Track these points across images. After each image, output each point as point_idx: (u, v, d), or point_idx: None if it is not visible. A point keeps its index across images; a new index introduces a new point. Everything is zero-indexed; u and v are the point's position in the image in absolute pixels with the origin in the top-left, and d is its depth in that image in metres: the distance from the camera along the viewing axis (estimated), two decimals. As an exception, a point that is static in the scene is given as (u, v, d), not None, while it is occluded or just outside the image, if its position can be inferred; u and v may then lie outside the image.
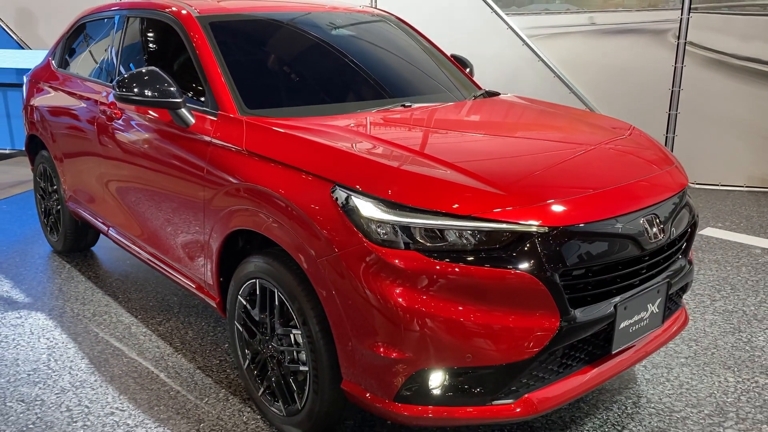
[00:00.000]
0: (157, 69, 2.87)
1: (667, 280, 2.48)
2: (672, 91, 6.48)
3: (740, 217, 5.65)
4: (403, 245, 2.09)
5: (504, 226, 2.07)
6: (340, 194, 2.18)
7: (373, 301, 2.10)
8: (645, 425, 2.72)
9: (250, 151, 2.57)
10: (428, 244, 2.08)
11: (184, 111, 2.88)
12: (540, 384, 2.23)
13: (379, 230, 2.11)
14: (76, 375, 3.10)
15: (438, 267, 2.06)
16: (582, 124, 2.97)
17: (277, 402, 2.63)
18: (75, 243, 4.57)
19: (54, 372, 3.12)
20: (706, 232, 5.20)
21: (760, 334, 3.50)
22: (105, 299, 3.94)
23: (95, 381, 3.05)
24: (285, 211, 2.34)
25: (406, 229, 2.09)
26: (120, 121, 3.41)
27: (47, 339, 3.45)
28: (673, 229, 2.47)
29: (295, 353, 2.50)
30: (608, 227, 2.23)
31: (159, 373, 3.11)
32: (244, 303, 2.70)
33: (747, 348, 3.36)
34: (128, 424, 2.72)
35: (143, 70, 2.87)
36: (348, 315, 2.17)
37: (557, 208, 2.16)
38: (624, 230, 2.26)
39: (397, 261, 2.07)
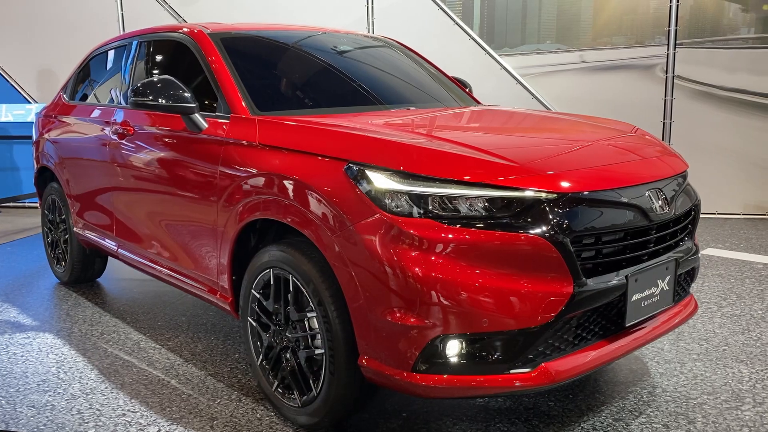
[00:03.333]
0: (171, 77, 2.98)
1: (675, 258, 2.53)
2: (664, 123, 6.66)
3: (739, 239, 5.71)
4: (417, 214, 2.14)
5: (514, 193, 2.14)
6: (354, 170, 2.25)
7: (389, 270, 2.13)
8: (662, 411, 2.71)
9: (263, 144, 2.66)
10: (441, 213, 2.13)
11: (197, 116, 2.98)
12: (557, 354, 2.24)
13: (393, 201, 2.16)
14: (86, 383, 3.07)
15: (452, 234, 2.10)
16: (586, 122, 3.08)
17: (292, 394, 2.61)
18: (82, 273, 4.59)
19: (63, 382, 3.10)
20: (708, 252, 5.25)
21: (770, 333, 3.51)
22: (113, 321, 3.93)
23: (105, 388, 3.02)
24: (300, 193, 2.40)
25: (420, 198, 2.15)
26: (131, 137, 3.50)
27: (56, 355, 3.43)
28: (677, 206, 2.53)
29: (309, 339, 2.51)
30: (614, 196, 2.29)
31: (170, 380, 3.09)
32: (258, 296, 2.72)
33: (758, 345, 3.36)
34: (140, 424, 2.69)
35: (158, 78, 2.98)
36: (364, 286, 2.20)
37: (565, 176, 2.22)
38: (629, 201, 2.32)
39: (411, 229, 2.12)
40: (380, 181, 2.20)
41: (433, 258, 2.11)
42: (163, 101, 2.93)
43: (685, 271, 2.66)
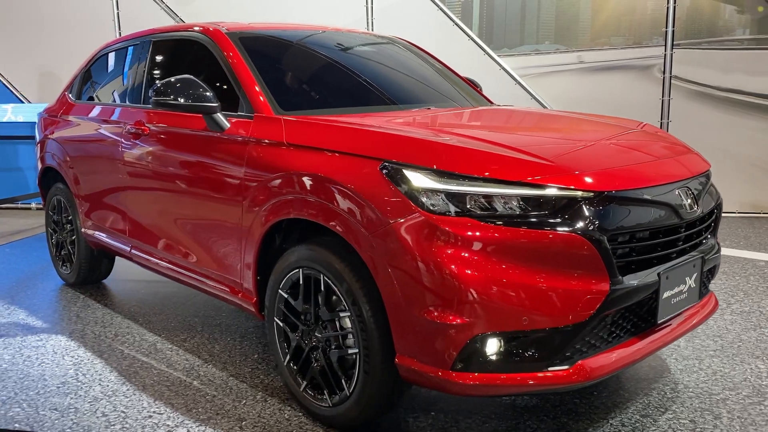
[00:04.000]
0: (192, 77, 2.97)
1: (702, 255, 2.56)
2: (661, 123, 6.73)
3: (738, 237, 5.79)
4: (455, 213, 2.15)
5: (553, 191, 2.15)
6: (390, 169, 2.26)
7: (429, 269, 2.14)
8: (687, 407, 2.74)
9: (291, 143, 2.65)
10: (480, 211, 2.15)
11: (219, 115, 2.97)
12: (592, 351, 2.26)
13: (431, 200, 2.17)
14: (107, 385, 3.04)
15: (492, 232, 2.12)
16: (606, 121, 3.11)
17: (322, 394, 2.61)
18: (89, 274, 4.54)
19: (83, 384, 3.07)
20: (709, 249, 5.31)
21: (781, 329, 3.57)
22: (125, 322, 3.90)
23: (127, 390, 3.00)
24: (333, 192, 2.39)
25: (459, 196, 2.16)
26: (146, 137, 3.47)
27: (72, 357, 3.39)
28: (703, 204, 2.57)
29: (340, 338, 2.51)
30: (647, 195, 2.32)
31: (192, 381, 3.07)
32: (285, 296, 2.71)
33: (771, 341, 3.42)
34: (168, 425, 2.67)
35: (179, 78, 2.96)
36: (403, 286, 2.21)
37: (601, 175, 2.25)
38: (662, 199, 2.35)
39: (450, 228, 2.13)
40: (418, 180, 2.20)
41: (473, 256, 2.12)
42: (186, 101, 2.92)
43: (708, 269, 2.70)
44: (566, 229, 2.12)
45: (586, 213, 2.16)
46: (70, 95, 4.57)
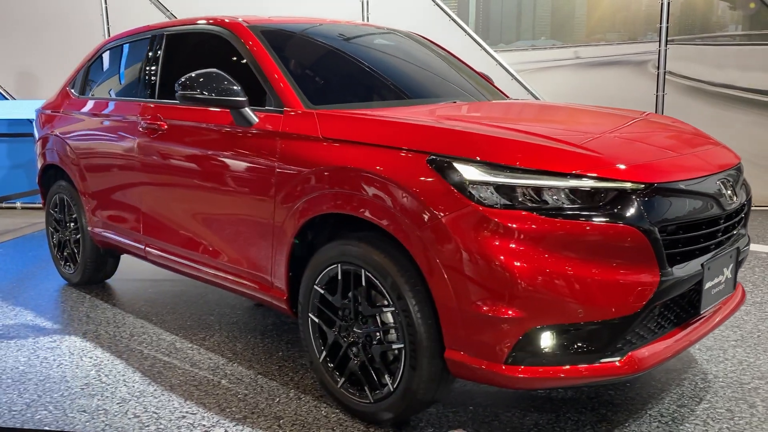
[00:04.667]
0: (218, 71, 2.91)
1: (737, 246, 2.59)
2: (655, 118, 6.81)
3: (735, 229, 5.88)
4: (508, 206, 2.14)
5: (605, 183, 2.15)
6: (440, 162, 2.23)
7: (483, 262, 2.13)
8: (721, 396, 2.77)
9: (327, 138, 2.61)
10: (531, 204, 2.14)
11: (248, 110, 2.91)
12: (641, 342, 2.27)
13: (483, 193, 2.16)
14: (133, 386, 2.98)
15: (546, 224, 2.11)
16: (624, 113, 3.12)
17: (362, 389, 2.58)
18: (94, 274, 4.45)
19: (108, 385, 3.00)
20: (710, 242, 5.39)
21: (796, 319, 3.63)
22: (138, 322, 3.82)
23: (155, 390, 2.93)
24: (378, 186, 2.36)
25: (511, 189, 2.15)
26: (163, 133, 3.40)
27: (90, 358, 3.31)
28: (739, 195, 2.60)
29: (381, 333, 2.48)
30: (694, 186, 2.33)
31: (220, 380, 3.02)
32: (321, 292, 2.68)
33: (788, 330, 3.48)
34: (204, 425, 2.62)
35: (205, 72, 2.90)
36: (454, 280, 2.19)
37: (650, 167, 2.26)
38: (706, 190, 2.37)
39: (504, 220, 2.11)
40: (470, 172, 2.18)
41: (527, 249, 2.11)
42: (214, 95, 2.86)
43: (740, 260, 2.73)
44: (620, 221, 2.12)
45: (638, 205, 2.16)
46: (72, 90, 4.46)
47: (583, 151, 2.25)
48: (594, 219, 2.12)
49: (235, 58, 3.19)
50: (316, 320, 2.73)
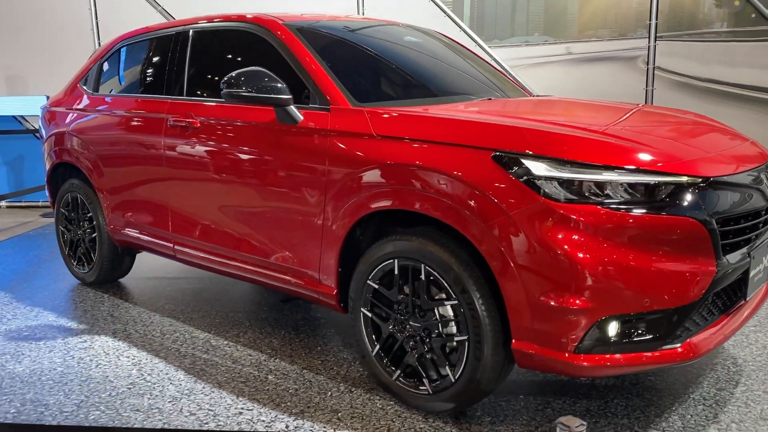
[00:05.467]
0: (263, 69, 2.92)
1: (755, 237, 2.72)
2: (645, 112, 7.00)
3: (726, 220, 6.10)
4: (572, 200, 2.21)
5: (668, 178, 2.24)
6: (506, 159, 2.30)
7: (553, 256, 2.20)
8: (754, 379, 2.91)
9: (382, 135, 2.65)
10: (596, 198, 2.22)
11: (293, 108, 2.93)
12: (696, 329, 2.38)
13: (550, 187, 2.23)
14: (180, 385, 2.98)
15: (612, 217, 2.19)
16: (660, 110, 3.23)
17: (419, 382, 2.64)
18: (110, 272, 4.40)
19: (154, 384, 2.99)
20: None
21: (806, 304, 3.81)
22: (166, 320, 3.80)
23: (203, 388, 2.94)
24: (443, 183, 2.42)
25: (576, 184, 2.22)
26: (196, 130, 3.39)
27: (127, 357, 3.30)
28: (775, 188, 2.73)
29: (440, 326, 2.54)
30: (743, 179, 2.45)
31: (267, 376, 3.04)
32: (375, 287, 2.72)
33: (800, 315, 3.65)
34: (264, 421, 2.65)
35: (251, 69, 2.91)
36: (524, 273, 2.26)
37: (705, 162, 2.36)
38: (753, 182, 2.49)
39: (573, 214, 2.19)
40: (538, 168, 2.25)
41: (596, 242, 2.19)
42: (260, 93, 2.87)
43: None
44: (682, 213, 2.22)
45: (696, 198, 2.26)
46: (85, 87, 4.39)
47: (643, 146, 2.35)
48: (657, 212, 2.22)
49: (270, 56, 3.19)
50: (369, 315, 2.77)
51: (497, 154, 2.33)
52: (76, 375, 3.11)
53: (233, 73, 2.92)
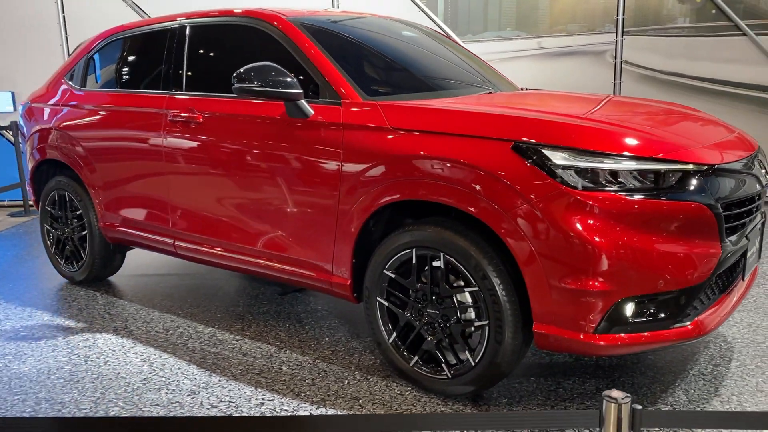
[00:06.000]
0: (274, 64, 2.95)
1: (762, 220, 2.90)
2: (613, 105, 7.24)
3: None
4: (590, 188, 2.33)
5: (678, 166, 2.38)
6: (529, 149, 2.40)
7: (574, 241, 2.31)
8: (746, 354, 3.09)
9: (398, 128, 2.72)
10: (613, 185, 2.34)
11: (304, 102, 2.97)
12: (702, 308, 2.53)
13: (569, 176, 2.34)
14: (195, 379, 2.99)
15: (629, 204, 2.31)
16: (650, 102, 3.38)
17: (437, 366, 2.73)
18: (102, 270, 4.35)
19: (169, 379, 3.00)
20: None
21: (781, 285, 4.05)
22: (166, 316, 3.79)
23: (219, 381, 2.97)
24: (464, 173, 2.50)
25: (595, 172, 2.34)
26: (200, 125, 3.39)
27: (135, 354, 3.29)
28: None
29: (458, 312, 2.63)
30: (741, 167, 2.61)
31: (280, 367, 3.08)
32: (392, 276, 2.79)
33: (777, 295, 3.88)
34: (287, 410, 2.70)
35: (262, 64, 2.94)
36: (546, 258, 2.36)
37: (708, 151, 2.51)
38: (749, 169, 2.65)
39: (595, 202, 2.30)
40: (558, 158, 2.36)
41: (615, 227, 2.31)
42: (272, 87, 2.90)
43: (760, 232, 3.05)
44: (692, 199, 2.36)
45: (704, 184, 2.40)
46: (71, 83, 4.32)
47: (653, 136, 2.48)
48: (668, 198, 2.35)
49: (273, 51, 3.22)
50: (385, 303, 2.84)
51: (518, 144, 2.42)
52: (86, 373, 3.09)
53: (244, 68, 2.94)
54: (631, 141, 2.41)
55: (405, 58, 3.57)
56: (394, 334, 2.85)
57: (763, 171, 2.79)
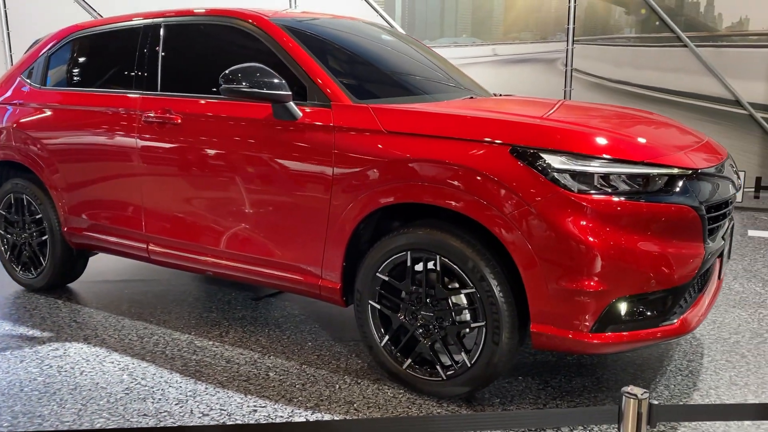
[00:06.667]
0: (263, 65, 2.92)
1: (732, 223, 3.06)
2: (564, 111, 7.47)
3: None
4: (584, 191, 2.40)
5: (667, 170, 2.48)
6: (528, 153, 2.45)
7: (572, 243, 2.38)
8: (715, 350, 3.25)
9: (392, 131, 2.73)
10: (607, 188, 2.42)
11: (293, 104, 2.95)
12: (686, 307, 2.64)
13: (567, 179, 2.41)
14: (181, 387, 2.91)
15: (623, 206, 2.40)
16: (624, 109, 3.51)
17: (431, 368, 2.75)
18: (63, 276, 4.18)
19: (153, 388, 2.91)
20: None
21: (754, 286, 4.27)
22: (138, 324, 3.67)
23: (206, 389, 2.90)
24: (462, 176, 2.53)
25: (589, 175, 2.41)
26: (178, 126, 3.31)
27: (111, 363, 3.17)
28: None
29: (453, 314, 2.66)
30: (719, 171, 2.74)
31: (267, 373, 3.04)
32: (385, 279, 2.80)
33: (743, 293, 4.08)
34: (282, 416, 2.66)
35: (250, 65, 2.90)
36: (544, 259, 2.42)
37: (691, 156, 2.63)
38: (725, 173, 2.80)
39: (591, 204, 2.38)
40: (555, 161, 2.42)
41: (609, 229, 2.39)
42: (260, 89, 2.87)
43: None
44: (679, 202, 2.47)
45: (689, 188, 2.52)
46: (29, 81, 4.13)
47: (646, 143, 2.58)
48: (659, 200, 2.45)
49: (255, 52, 3.18)
50: (377, 306, 2.85)
51: (516, 148, 2.48)
52: (62, 384, 2.96)
53: (231, 69, 2.90)
54: (624, 146, 2.50)
55: (387, 62, 3.59)
56: (387, 337, 2.85)
57: (736, 175, 2.94)
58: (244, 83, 2.88)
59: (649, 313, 2.51)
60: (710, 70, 7.36)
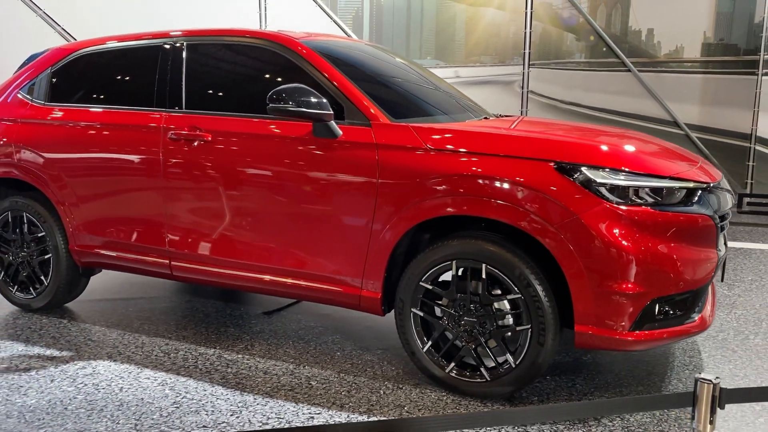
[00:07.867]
0: (305, 86, 3.06)
1: (725, 231, 3.43)
2: (521, 130, 7.88)
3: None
4: (622, 202, 2.68)
5: (691, 184, 2.80)
6: (571, 169, 2.70)
7: (615, 249, 2.64)
8: (709, 346, 3.60)
9: (436, 148, 2.93)
10: (640, 200, 2.70)
11: (334, 123, 3.09)
12: (702, 306, 2.96)
13: (611, 193, 2.67)
14: (229, 399, 2.97)
15: (657, 216, 2.69)
16: (611, 128, 3.85)
17: (474, 371, 2.94)
18: (65, 296, 4.10)
19: (201, 401, 2.95)
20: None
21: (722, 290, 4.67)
22: (159, 340, 3.67)
23: (255, 400, 2.97)
24: (509, 191, 2.75)
25: (625, 189, 2.69)
26: (208, 143, 3.37)
27: (147, 379, 3.17)
28: (726, 191, 3.44)
29: (496, 319, 2.87)
30: (723, 184, 3.09)
31: (309, 382, 3.13)
32: (429, 287, 2.97)
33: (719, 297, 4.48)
34: (339, 421, 2.77)
35: (294, 86, 3.04)
36: (589, 266, 2.67)
37: (704, 170, 2.96)
38: (727, 186, 3.15)
39: (630, 215, 2.66)
40: (597, 176, 2.68)
41: (646, 237, 2.67)
42: (307, 108, 3.01)
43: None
44: (701, 212, 2.78)
45: (707, 199, 2.84)
46: (29, 97, 4.06)
47: (672, 160, 2.89)
48: (684, 211, 2.76)
49: (291, 74, 3.30)
50: (420, 314, 3.01)
51: (562, 164, 2.72)
52: (105, 401, 2.95)
53: (276, 90, 3.02)
54: (652, 163, 2.80)
55: (407, 83, 3.78)
56: (429, 343, 3.02)
57: (731, 188, 3.31)
58: (290, 102, 3.00)
59: (677, 313, 2.80)
60: (651, 93, 7.97)
